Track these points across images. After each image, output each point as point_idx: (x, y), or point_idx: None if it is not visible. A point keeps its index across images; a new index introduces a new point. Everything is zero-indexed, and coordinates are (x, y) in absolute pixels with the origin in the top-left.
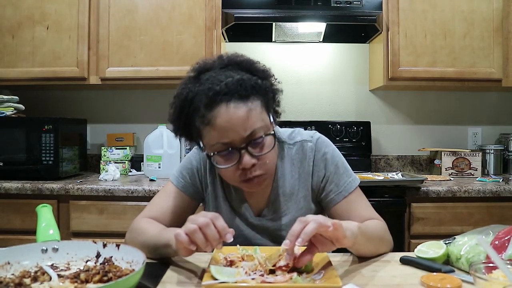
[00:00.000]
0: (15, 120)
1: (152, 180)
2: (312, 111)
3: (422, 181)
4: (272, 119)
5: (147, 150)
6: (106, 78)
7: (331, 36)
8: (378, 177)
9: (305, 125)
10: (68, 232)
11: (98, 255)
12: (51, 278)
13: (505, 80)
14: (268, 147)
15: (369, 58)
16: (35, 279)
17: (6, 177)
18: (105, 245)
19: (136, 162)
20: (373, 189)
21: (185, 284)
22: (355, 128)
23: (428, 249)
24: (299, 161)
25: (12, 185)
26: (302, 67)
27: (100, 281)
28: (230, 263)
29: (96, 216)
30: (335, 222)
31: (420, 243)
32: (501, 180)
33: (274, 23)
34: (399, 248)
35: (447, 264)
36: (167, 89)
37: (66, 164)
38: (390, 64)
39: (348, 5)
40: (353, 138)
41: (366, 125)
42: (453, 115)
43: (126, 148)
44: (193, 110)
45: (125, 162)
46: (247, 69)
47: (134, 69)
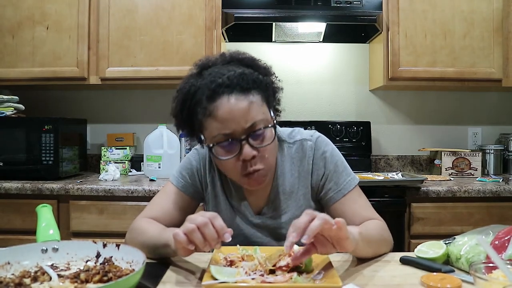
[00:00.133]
0: (15, 120)
1: (152, 180)
2: (312, 111)
3: (422, 181)
4: (272, 114)
5: (147, 150)
6: (106, 78)
7: (331, 36)
8: (378, 177)
9: (305, 125)
10: (68, 232)
11: (98, 255)
12: (51, 278)
13: (505, 80)
14: (268, 139)
15: (369, 58)
16: (35, 279)
17: (6, 177)
18: (105, 245)
19: (136, 162)
20: (373, 189)
21: (185, 284)
22: (355, 128)
23: (428, 249)
24: (298, 160)
25: (12, 185)
26: (302, 67)
27: (100, 281)
28: (230, 263)
29: (96, 216)
30: (339, 221)
31: (420, 243)
32: (501, 180)
33: (274, 23)
34: (399, 248)
35: (447, 264)
36: (167, 89)
37: (66, 164)
38: (390, 64)
39: (348, 5)
40: (353, 138)
41: (366, 125)
42: (453, 115)
43: (126, 148)
44: (195, 103)
45: (125, 162)
46: (249, 65)
47: (134, 69)
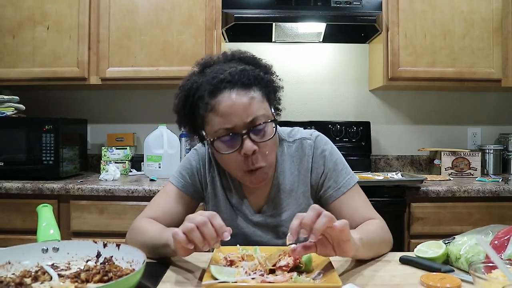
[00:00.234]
0: (15, 120)
1: (152, 180)
2: (312, 111)
3: (421, 181)
4: (273, 111)
5: (147, 150)
6: (107, 78)
7: (331, 36)
8: (378, 177)
9: (305, 125)
10: (68, 232)
11: (99, 255)
12: (51, 278)
13: (505, 80)
14: (269, 135)
15: (369, 58)
16: (35, 278)
17: (7, 177)
18: (105, 245)
19: (136, 162)
20: (373, 189)
21: (185, 284)
22: (355, 128)
23: (428, 249)
24: (298, 158)
25: (13, 185)
26: (302, 67)
27: (101, 280)
28: (230, 263)
29: (96, 216)
30: (343, 221)
31: (420, 243)
32: (500, 180)
33: (274, 23)
34: (398, 248)
35: (446, 263)
36: (167, 89)
37: (67, 164)
38: (390, 64)
39: (348, 5)
40: (353, 138)
41: (366, 125)
42: (452, 115)
43: (126, 148)
44: (197, 98)
45: (125, 162)
46: (250, 63)
47: (134, 69)
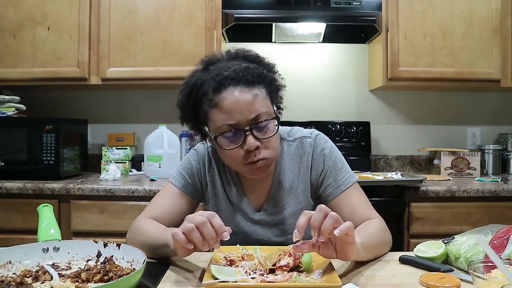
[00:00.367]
0: (16, 120)
1: (152, 180)
2: (312, 111)
3: (421, 181)
4: (275, 109)
5: (148, 150)
6: (107, 79)
7: (330, 37)
8: (378, 177)
9: (305, 125)
10: (69, 232)
11: (99, 255)
12: (52, 278)
13: (504, 80)
14: (271, 132)
15: (368, 58)
16: (36, 278)
17: (7, 177)
18: (105, 245)
19: (136, 162)
20: (372, 189)
21: (185, 283)
22: (354, 128)
23: (427, 249)
24: (298, 157)
25: (13, 185)
26: (302, 67)
27: (101, 280)
28: (230, 263)
29: (96, 216)
30: (349, 223)
31: (419, 243)
32: (499, 180)
33: (274, 24)
34: (398, 247)
35: (446, 263)
36: (168, 89)
37: (67, 164)
38: (389, 65)
39: (347, 6)
40: (353, 138)
41: (366, 125)
42: (452, 115)
43: (126, 148)
44: (201, 94)
45: (125, 162)
46: (254, 61)
47: (134, 70)
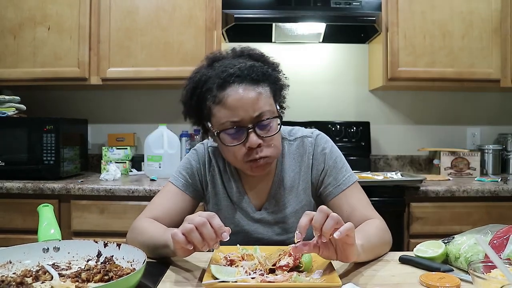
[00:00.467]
0: (16, 120)
1: (152, 179)
2: (312, 111)
3: (421, 181)
4: (278, 107)
5: (148, 150)
6: (107, 79)
7: (330, 37)
8: (378, 177)
9: (305, 125)
10: (69, 232)
11: (99, 254)
12: (52, 277)
13: (504, 80)
14: (274, 130)
15: (368, 58)
16: (36, 278)
17: (8, 177)
18: (106, 245)
19: (136, 162)
20: (372, 189)
21: (185, 283)
22: (354, 128)
23: (427, 249)
24: (299, 156)
25: (14, 185)
26: (302, 67)
27: (101, 280)
28: (230, 263)
29: (97, 216)
30: (350, 224)
31: (419, 243)
32: (499, 180)
33: (274, 24)
34: (398, 247)
35: (446, 263)
36: (168, 90)
37: (67, 164)
38: (389, 65)
39: (347, 6)
40: (353, 138)
41: (366, 125)
42: (452, 115)
43: (126, 148)
44: (205, 90)
45: (125, 162)
46: (259, 59)
47: (134, 70)
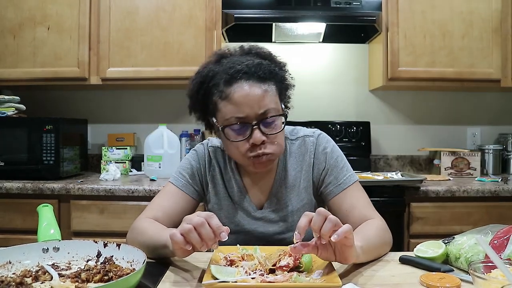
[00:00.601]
0: (16, 120)
1: (152, 180)
2: (312, 111)
3: (421, 181)
4: (283, 106)
5: (148, 150)
6: (107, 79)
7: (330, 37)
8: (378, 177)
9: (305, 125)
10: (69, 232)
11: (99, 255)
12: (52, 278)
13: (504, 80)
14: (278, 128)
15: (368, 58)
16: (36, 278)
17: (7, 177)
18: (105, 245)
19: (136, 162)
20: (372, 189)
21: (185, 283)
22: (354, 128)
23: (427, 249)
24: (301, 155)
25: (13, 185)
26: (302, 67)
27: (101, 280)
28: (230, 263)
29: (96, 216)
30: (348, 226)
31: (419, 243)
32: (500, 180)
33: (274, 24)
34: (398, 247)
35: (446, 263)
36: (168, 90)
37: (67, 164)
38: (389, 65)
39: (347, 6)
40: (353, 138)
41: (366, 125)
42: (452, 115)
43: (126, 148)
44: (212, 85)
45: (125, 162)
46: (266, 58)
47: (134, 70)
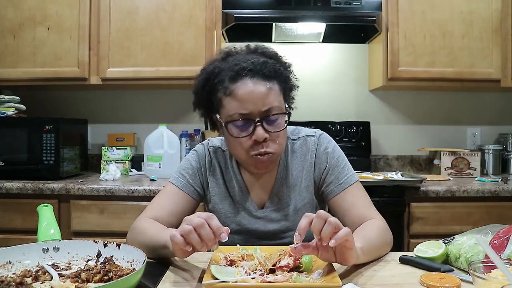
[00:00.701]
0: (16, 120)
1: (152, 180)
2: (312, 111)
3: (421, 181)
4: (286, 106)
5: (148, 150)
6: (107, 79)
7: (330, 37)
8: (378, 177)
9: (305, 125)
10: (69, 232)
11: (99, 255)
12: (52, 278)
13: (504, 80)
14: (281, 126)
15: (368, 58)
16: (36, 278)
17: (7, 177)
18: (105, 245)
19: (136, 162)
20: (372, 189)
21: (185, 283)
22: (354, 128)
23: (427, 249)
24: (302, 155)
25: (13, 185)
26: (302, 67)
27: (101, 280)
28: (230, 263)
29: (96, 216)
30: (347, 230)
31: (419, 243)
32: (500, 180)
33: (274, 24)
34: (398, 247)
35: (446, 263)
36: (168, 90)
37: (67, 164)
38: (389, 65)
39: (347, 6)
40: (353, 138)
41: (366, 125)
42: (452, 115)
43: (126, 148)
44: (217, 82)
45: (125, 162)
46: (272, 57)
47: (134, 70)
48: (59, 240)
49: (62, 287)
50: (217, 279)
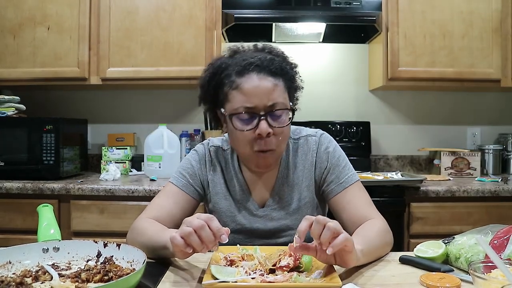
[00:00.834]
0: (16, 120)
1: (152, 180)
2: (312, 111)
3: (421, 181)
4: (291, 104)
5: (148, 150)
6: (107, 79)
7: (330, 37)
8: (378, 177)
9: (305, 125)
10: (69, 232)
11: (99, 255)
12: (52, 278)
13: (504, 80)
14: (284, 122)
15: (368, 58)
16: (36, 278)
17: (7, 177)
18: (105, 245)
19: (136, 162)
20: (372, 189)
21: (185, 283)
22: (354, 128)
23: (427, 249)
24: (303, 154)
25: (13, 185)
26: (302, 67)
27: (101, 280)
28: (230, 263)
29: (96, 216)
30: (345, 235)
31: (419, 243)
32: (500, 180)
33: (274, 24)
34: (398, 247)
35: (446, 263)
36: (168, 89)
37: (67, 164)
38: (389, 65)
39: (347, 6)
40: (353, 138)
41: (366, 125)
42: (452, 115)
43: (126, 148)
44: (224, 76)
45: (125, 162)
46: (279, 56)
47: (134, 70)
48: (59, 240)
49: (62, 287)
50: (217, 279)
